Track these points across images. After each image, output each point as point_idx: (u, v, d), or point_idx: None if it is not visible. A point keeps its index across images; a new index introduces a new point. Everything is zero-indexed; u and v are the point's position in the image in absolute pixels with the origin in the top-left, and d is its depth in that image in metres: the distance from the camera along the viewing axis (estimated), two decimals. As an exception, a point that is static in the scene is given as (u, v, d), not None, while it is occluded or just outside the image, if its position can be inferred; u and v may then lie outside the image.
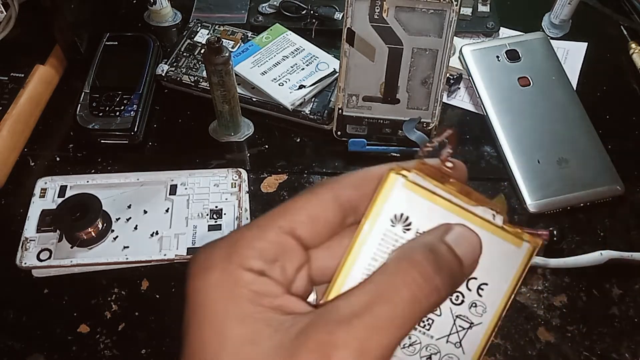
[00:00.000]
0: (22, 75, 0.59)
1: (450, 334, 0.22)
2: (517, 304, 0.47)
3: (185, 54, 0.62)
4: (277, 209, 0.20)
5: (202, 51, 0.61)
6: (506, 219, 0.22)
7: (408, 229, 0.22)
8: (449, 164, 0.22)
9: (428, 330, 0.22)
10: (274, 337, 0.17)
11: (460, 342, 0.22)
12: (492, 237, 0.22)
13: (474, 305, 0.22)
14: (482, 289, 0.22)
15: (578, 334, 0.46)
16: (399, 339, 0.18)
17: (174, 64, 0.61)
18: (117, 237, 0.49)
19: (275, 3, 0.67)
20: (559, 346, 0.45)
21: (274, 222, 0.19)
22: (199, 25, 0.65)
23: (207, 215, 0.51)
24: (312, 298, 0.22)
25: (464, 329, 0.22)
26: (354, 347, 0.17)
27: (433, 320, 0.22)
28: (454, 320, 0.22)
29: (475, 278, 0.22)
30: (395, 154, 0.56)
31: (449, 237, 0.20)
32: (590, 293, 0.48)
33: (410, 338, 0.22)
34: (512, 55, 0.60)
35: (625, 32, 0.67)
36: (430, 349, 0.22)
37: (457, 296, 0.22)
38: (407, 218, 0.22)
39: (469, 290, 0.22)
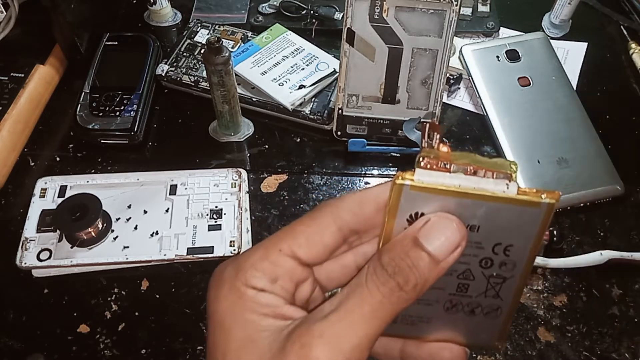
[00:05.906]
0: (22, 75, 0.59)
1: (486, 290, 0.24)
2: (517, 304, 0.47)
3: (185, 54, 0.62)
4: (281, 231, 0.22)
5: (202, 51, 0.61)
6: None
7: None
8: (444, 148, 0.22)
9: (466, 292, 0.24)
10: (270, 338, 0.20)
11: (497, 294, 0.25)
12: (509, 207, 0.22)
13: (503, 264, 0.24)
14: (508, 250, 0.23)
15: (578, 334, 0.46)
16: (375, 329, 0.20)
17: (174, 64, 0.61)
18: (117, 237, 0.49)
19: (275, 3, 0.67)
20: (559, 346, 0.45)
21: (276, 245, 0.22)
22: (199, 25, 0.65)
23: (207, 215, 0.51)
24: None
25: (498, 284, 0.24)
26: (329, 336, 0.19)
27: (469, 285, 0.24)
28: (488, 280, 0.24)
29: (500, 243, 0.23)
30: (395, 154, 0.56)
31: (420, 234, 0.21)
32: (590, 293, 0.48)
33: (451, 302, 0.24)
34: (512, 55, 0.60)
35: (625, 32, 0.67)
36: (471, 305, 0.25)
37: (487, 262, 0.23)
38: (422, 215, 0.22)
39: (496, 254, 0.23)
